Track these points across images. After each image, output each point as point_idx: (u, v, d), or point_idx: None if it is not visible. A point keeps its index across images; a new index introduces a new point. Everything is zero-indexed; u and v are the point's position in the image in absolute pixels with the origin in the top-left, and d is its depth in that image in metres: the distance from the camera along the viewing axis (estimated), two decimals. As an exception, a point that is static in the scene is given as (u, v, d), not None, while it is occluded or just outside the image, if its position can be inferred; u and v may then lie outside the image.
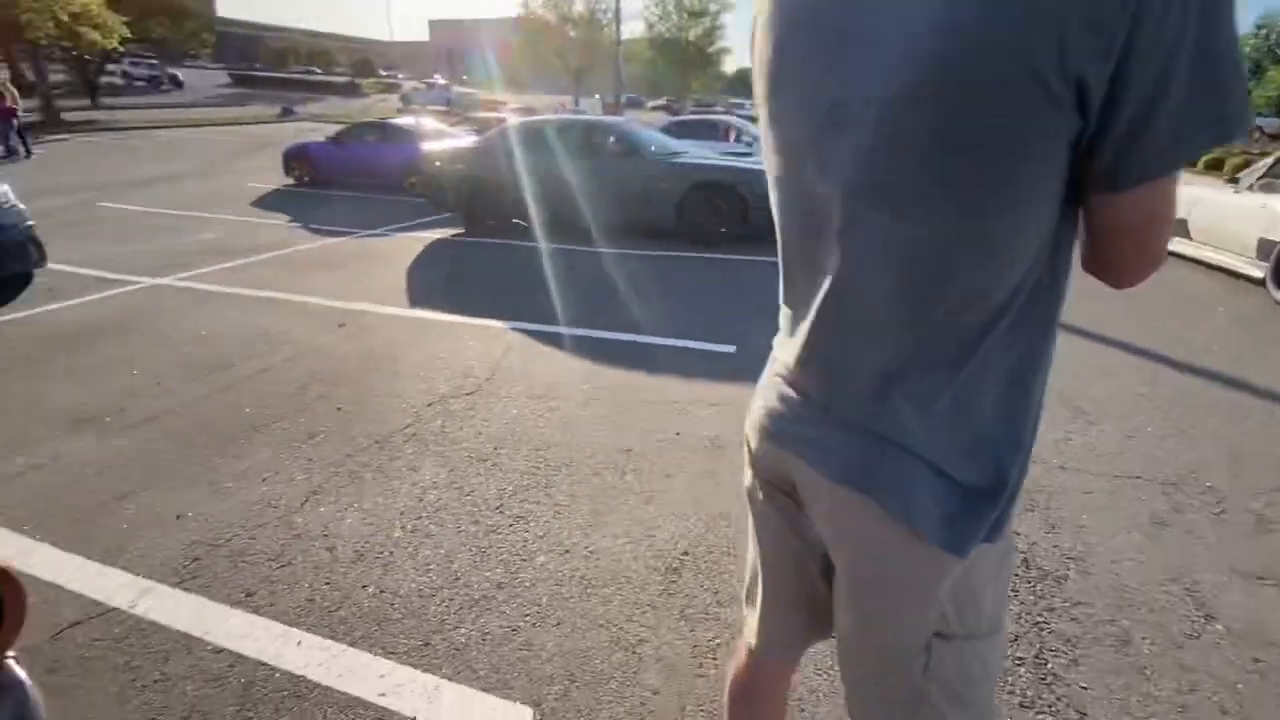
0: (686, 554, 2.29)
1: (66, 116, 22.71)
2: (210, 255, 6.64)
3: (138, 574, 2.22)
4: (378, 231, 8.03)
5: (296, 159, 12.03)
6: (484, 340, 4.43)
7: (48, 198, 9.26)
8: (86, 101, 27.09)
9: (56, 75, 26.58)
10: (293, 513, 2.54)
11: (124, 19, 23.59)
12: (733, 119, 14.33)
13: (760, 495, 1.00)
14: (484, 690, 1.75)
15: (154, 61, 39.81)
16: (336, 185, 11.43)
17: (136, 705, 1.71)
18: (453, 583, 2.15)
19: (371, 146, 11.73)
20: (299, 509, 2.56)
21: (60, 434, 3.15)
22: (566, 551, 2.31)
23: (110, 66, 32.84)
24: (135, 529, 2.45)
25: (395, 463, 2.90)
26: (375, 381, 3.76)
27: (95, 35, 22.52)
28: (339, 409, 3.42)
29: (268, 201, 10.08)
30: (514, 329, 4.64)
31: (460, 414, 3.36)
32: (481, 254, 7.08)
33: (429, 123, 13.08)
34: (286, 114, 28.32)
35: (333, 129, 13.80)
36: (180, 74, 40.31)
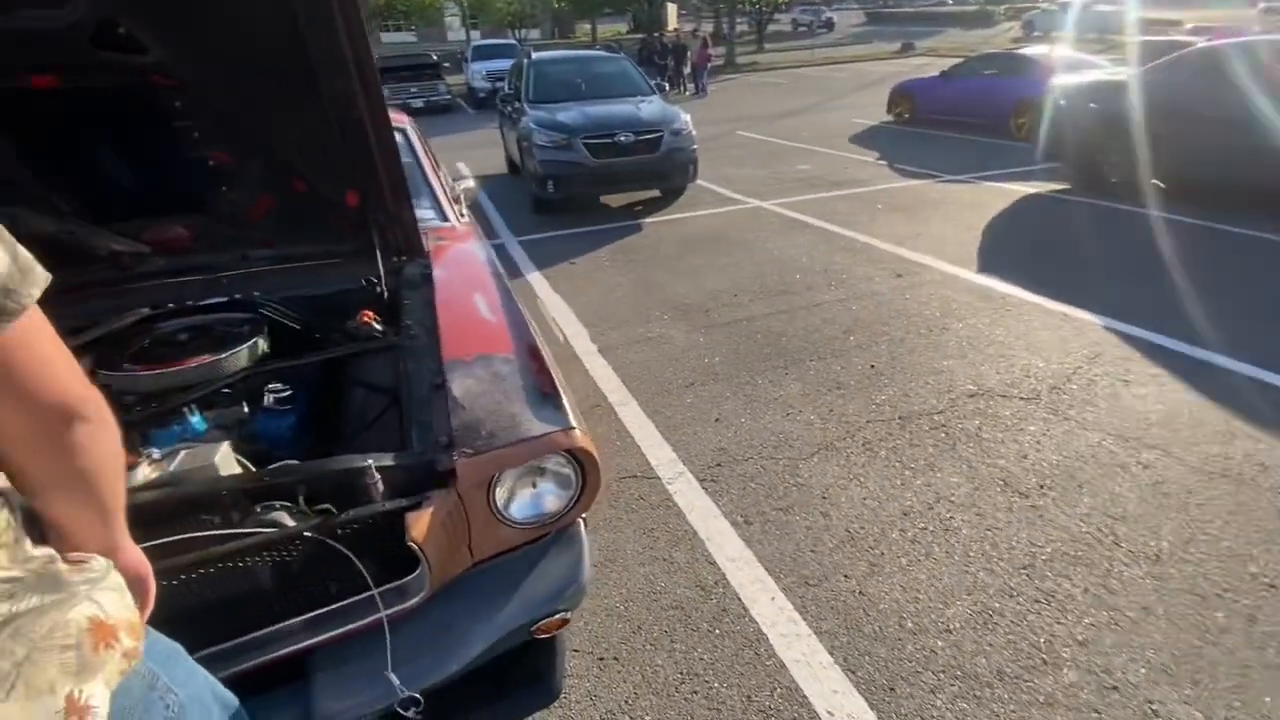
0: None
1: (738, 60, 28.50)
2: (802, 185, 7.31)
3: (678, 455, 2.65)
4: (963, 178, 7.32)
5: (900, 96, 11.98)
6: (1063, 334, 3.51)
7: (707, 127, 11.87)
8: (754, 46, 33.34)
9: (738, 26, 33.32)
10: (801, 459, 2.57)
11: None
12: None
13: None
14: (945, 798, 1.39)
15: (817, 7, 45.35)
16: (934, 124, 10.92)
17: (646, 573, 2.04)
18: (943, 633, 1.78)
19: (983, 82, 10.58)
20: (807, 458, 2.57)
21: (667, 318, 4.02)
22: (1114, 689, 1.61)
23: (778, 15, 39.19)
24: (688, 416, 2.93)
25: (913, 449, 2.60)
26: (916, 347, 3.45)
27: (775, -13, 27.00)
28: (872, 366, 3.28)
29: (863, 138, 10.44)
30: (1111, 329, 3.51)
31: (1007, 421, 2.75)
32: (1088, 220, 5.63)
33: (1063, 52, 10.90)
34: (905, 49, 28.47)
35: (948, 63, 13.09)
36: (834, 17, 44.85)
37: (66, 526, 0.67)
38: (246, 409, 1.57)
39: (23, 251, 0.58)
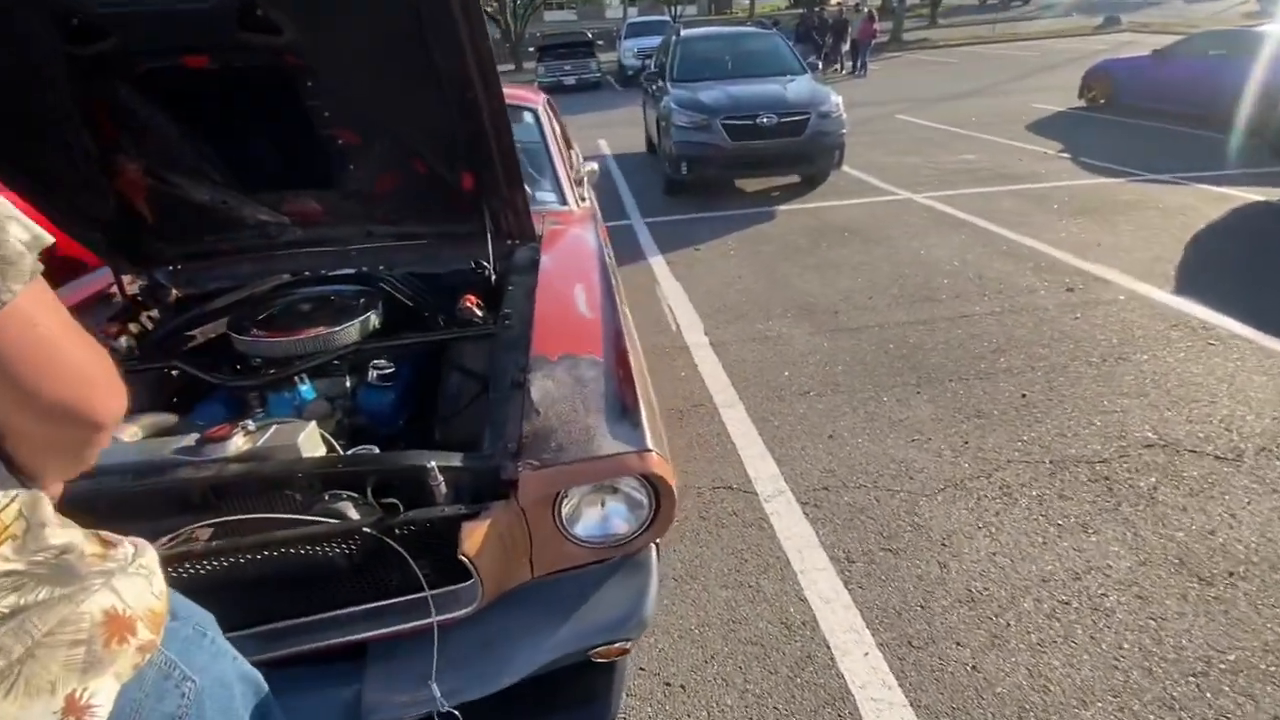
0: None
1: (906, 36, 26.27)
2: (963, 177, 6.57)
3: (781, 471, 2.45)
4: (1166, 177, 6.18)
5: (1096, 77, 10.39)
6: (1287, 382, 2.83)
7: (862, 109, 11.05)
8: (926, 21, 30.54)
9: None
10: (923, 496, 2.28)
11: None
12: None
13: None
14: None
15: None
16: (1137, 112, 9.36)
17: (728, 598, 1.90)
18: (1075, 739, 1.48)
19: (1206, 64, 8.83)
20: (930, 495, 2.27)
21: (789, 316, 3.77)
22: None
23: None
24: (798, 428, 2.71)
25: (1064, 503, 2.20)
26: (1082, 378, 2.94)
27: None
28: (1023, 395, 2.84)
29: (1044, 125, 9.19)
30: (1361, 383, 2.78)
31: (1193, 484, 2.26)
32: (1341, 239, 4.52)
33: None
34: (1108, 24, 24.61)
35: (1158, 41, 11.14)
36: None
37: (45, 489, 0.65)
38: (350, 383, 1.63)
39: (13, 242, 0.53)
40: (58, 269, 2.53)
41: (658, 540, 1.30)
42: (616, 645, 1.22)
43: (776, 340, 3.49)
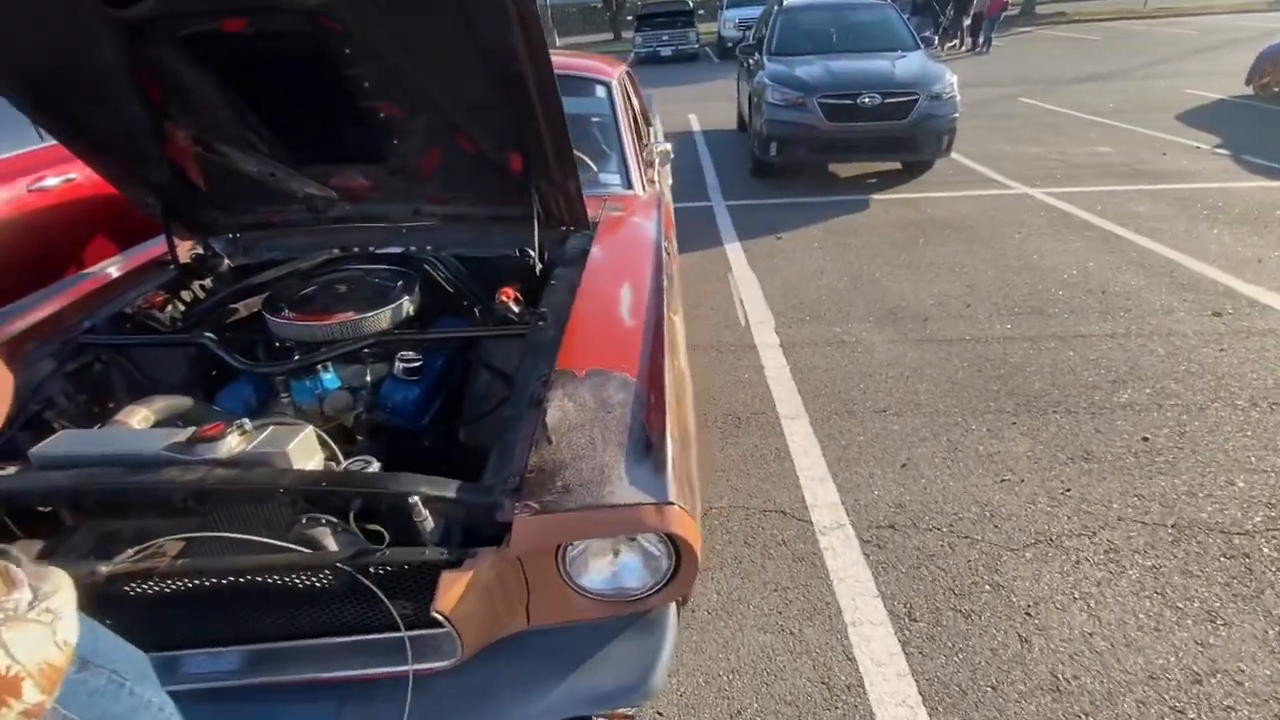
0: None
1: (1039, 10, 23.82)
2: (1093, 172, 5.82)
3: (843, 500, 2.20)
4: (1356, 184, 5.22)
5: (1271, 62, 8.92)
6: None
7: (980, 90, 10.08)
8: (1064, -7, 27.54)
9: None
10: (1008, 549, 1.97)
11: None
12: None
13: None
14: None
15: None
16: (1320, 103, 8.00)
17: (765, 643, 1.70)
18: None
19: None
20: (1018, 550, 1.96)
21: (871, 321, 3.43)
22: None
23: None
24: (868, 451, 2.43)
25: (1186, 580, 1.84)
26: (1224, 425, 2.48)
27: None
28: (1144, 439, 2.42)
29: (1199, 115, 8.01)
30: None
31: (1365, 573, 1.83)
32: None
33: None
34: (1295, -3, 21.16)
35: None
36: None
37: None
38: (376, 374, 1.54)
39: None
40: (120, 231, 2.56)
41: (680, 598, 1.12)
42: (619, 711, 1.07)
43: (854, 346, 3.18)
